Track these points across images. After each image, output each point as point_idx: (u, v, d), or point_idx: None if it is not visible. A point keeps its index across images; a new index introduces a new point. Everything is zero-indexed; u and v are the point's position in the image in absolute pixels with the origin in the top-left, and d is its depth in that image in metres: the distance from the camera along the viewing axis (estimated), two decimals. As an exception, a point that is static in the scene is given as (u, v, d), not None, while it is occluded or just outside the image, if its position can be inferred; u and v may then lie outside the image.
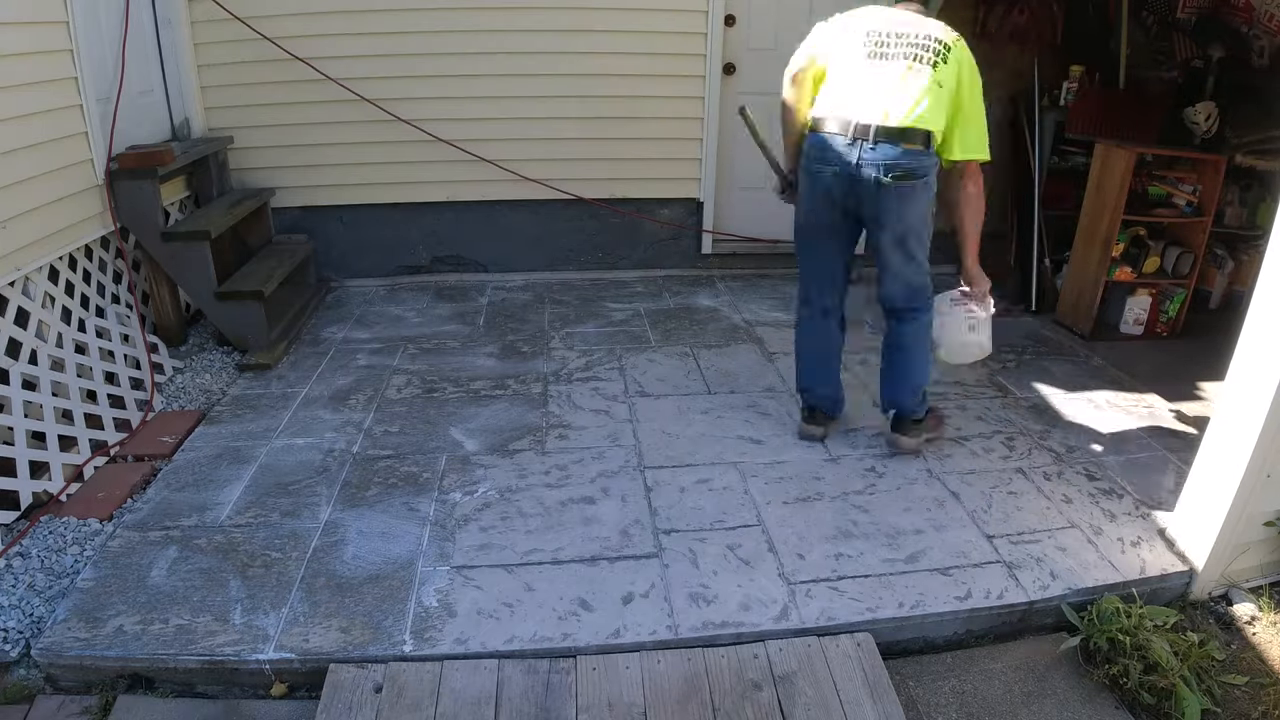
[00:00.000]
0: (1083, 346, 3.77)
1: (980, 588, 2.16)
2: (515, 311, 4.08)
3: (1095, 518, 2.47)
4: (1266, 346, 2.02)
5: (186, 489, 2.54)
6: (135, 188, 3.27)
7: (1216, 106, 3.92)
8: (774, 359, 3.54)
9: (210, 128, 4.11)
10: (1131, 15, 4.24)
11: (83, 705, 1.84)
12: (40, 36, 2.89)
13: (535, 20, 4.11)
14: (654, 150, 4.48)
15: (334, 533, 2.34)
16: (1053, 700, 1.93)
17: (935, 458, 2.78)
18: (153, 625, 1.97)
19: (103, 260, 3.33)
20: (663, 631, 1.99)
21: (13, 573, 2.19)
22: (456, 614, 2.03)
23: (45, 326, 2.88)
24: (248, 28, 3.88)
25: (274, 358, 3.43)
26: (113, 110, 3.32)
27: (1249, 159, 3.87)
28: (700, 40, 4.24)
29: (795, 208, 2.69)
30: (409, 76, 4.13)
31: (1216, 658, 2.03)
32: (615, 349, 3.64)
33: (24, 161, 2.78)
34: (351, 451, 2.77)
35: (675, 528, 2.39)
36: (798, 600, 2.10)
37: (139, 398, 3.08)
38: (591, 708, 1.80)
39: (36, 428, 2.60)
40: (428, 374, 3.36)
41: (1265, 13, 3.81)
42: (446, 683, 1.84)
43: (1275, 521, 2.22)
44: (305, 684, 1.91)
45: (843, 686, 1.86)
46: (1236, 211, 4.05)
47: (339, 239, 4.42)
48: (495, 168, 4.33)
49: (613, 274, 4.63)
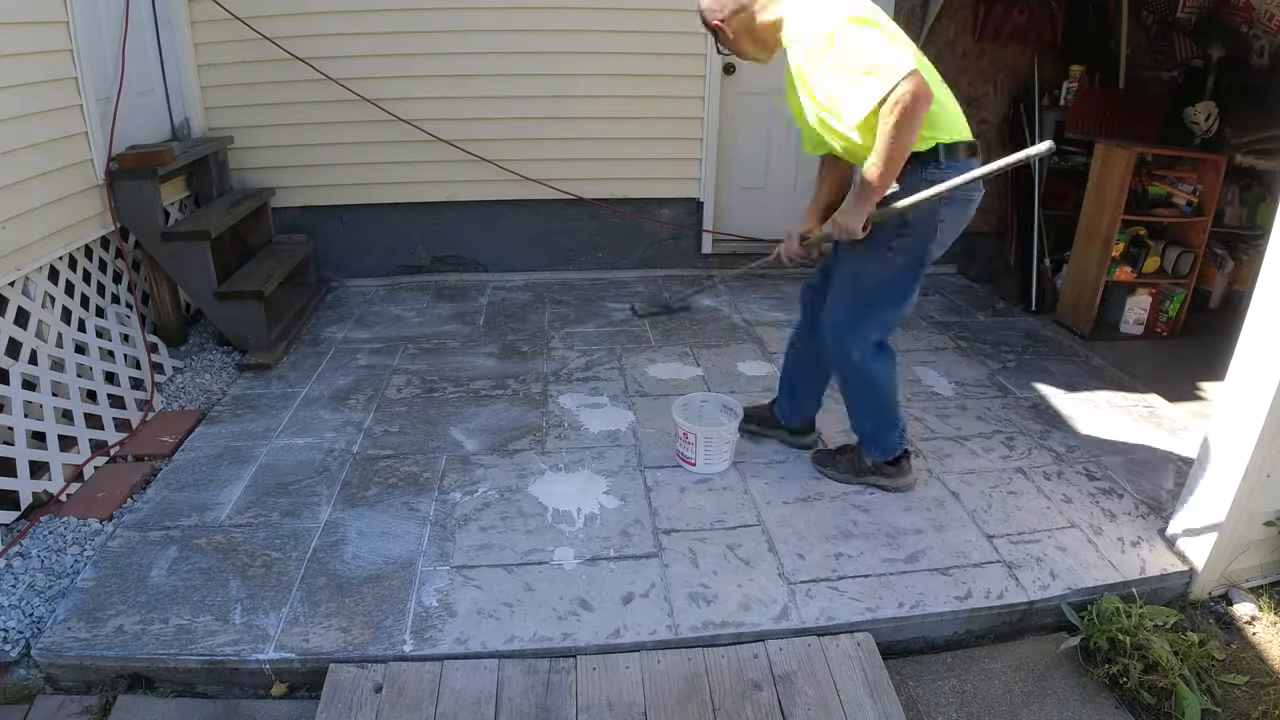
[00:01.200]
0: (1083, 346, 3.77)
1: (980, 587, 2.16)
2: (515, 311, 4.09)
3: (1095, 517, 2.47)
4: (1266, 346, 2.02)
5: (186, 489, 2.54)
6: (135, 188, 3.27)
7: (1216, 106, 3.92)
8: (774, 359, 3.54)
9: (210, 128, 4.11)
10: (1131, 15, 4.24)
11: (83, 705, 1.84)
12: (40, 36, 2.89)
13: (535, 20, 4.11)
14: (654, 150, 4.48)
15: (334, 533, 2.34)
16: (1053, 700, 1.93)
17: (935, 458, 2.77)
18: (153, 625, 1.97)
19: (103, 260, 3.33)
20: (663, 631, 1.99)
21: (13, 573, 2.19)
22: (456, 614, 2.03)
23: (45, 326, 2.88)
24: (248, 28, 3.88)
25: (274, 358, 3.43)
26: (113, 110, 3.33)
27: (1249, 159, 3.87)
28: (700, 40, 4.23)
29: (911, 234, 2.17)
30: (409, 76, 4.14)
31: (1216, 657, 2.03)
32: (615, 349, 3.64)
33: (24, 161, 2.78)
34: (351, 451, 2.77)
35: (675, 527, 2.39)
36: (798, 600, 2.10)
37: (139, 398, 3.09)
38: (591, 708, 1.80)
39: (36, 428, 2.60)
40: (428, 374, 3.36)
41: (1265, 13, 3.81)
42: (446, 682, 1.84)
43: (1275, 521, 2.22)
44: (305, 684, 1.91)
45: (843, 686, 1.86)
46: (1236, 211, 4.05)
47: (339, 239, 4.42)
48: (495, 167, 4.33)
49: (613, 274, 4.64)
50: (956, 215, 2.18)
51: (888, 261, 2.22)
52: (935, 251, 2.22)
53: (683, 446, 2.67)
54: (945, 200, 2.09)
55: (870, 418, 2.51)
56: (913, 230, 2.16)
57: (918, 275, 2.26)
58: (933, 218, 2.14)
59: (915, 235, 2.17)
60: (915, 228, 2.15)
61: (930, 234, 2.17)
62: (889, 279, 2.26)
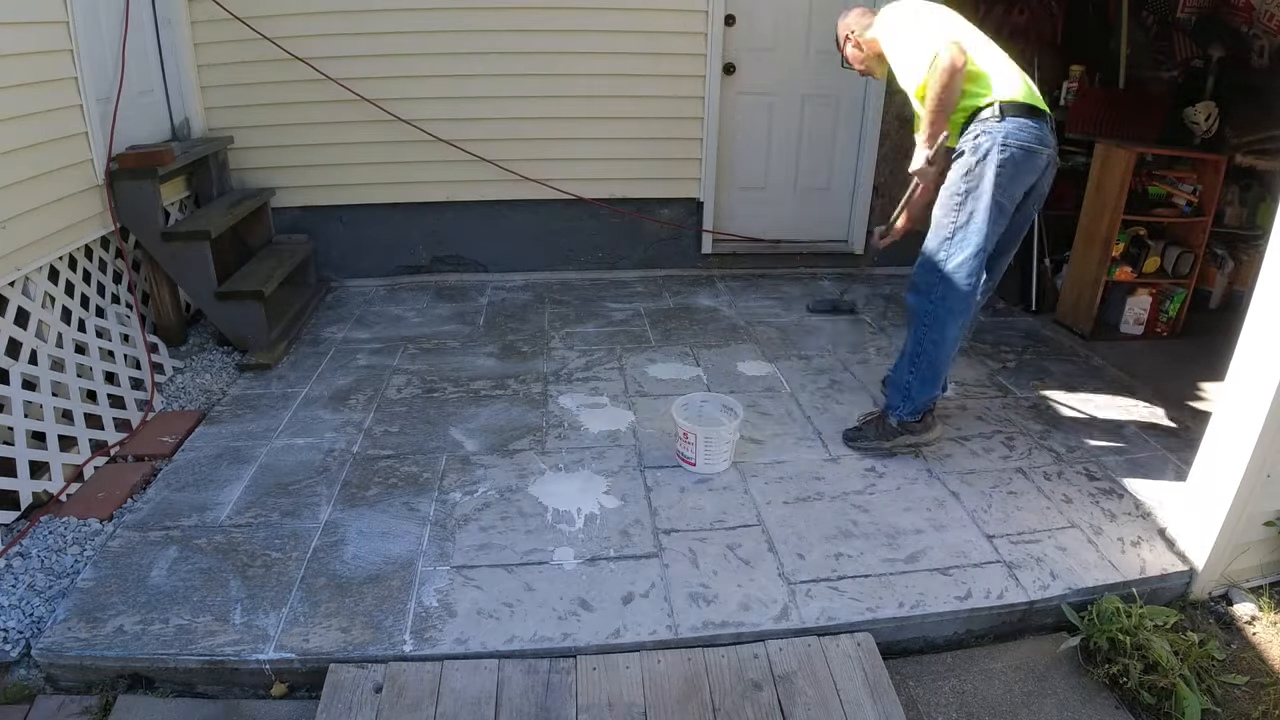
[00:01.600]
0: (1083, 346, 3.77)
1: (980, 587, 2.16)
2: (515, 311, 4.09)
3: (1095, 517, 2.47)
4: (1266, 346, 2.02)
5: (186, 489, 2.54)
6: (135, 188, 3.27)
7: (1216, 106, 3.92)
8: (774, 359, 3.54)
9: (210, 128, 4.11)
10: (1131, 15, 4.24)
11: (83, 705, 1.84)
12: (40, 36, 2.89)
13: (535, 20, 4.11)
14: (654, 150, 4.48)
15: (334, 533, 2.34)
16: (1053, 700, 1.93)
17: (935, 458, 2.78)
18: (153, 625, 1.97)
19: (103, 260, 3.33)
20: (663, 631, 1.99)
21: (13, 573, 2.19)
22: (456, 614, 2.03)
23: (45, 326, 2.88)
24: (248, 28, 3.88)
25: (274, 358, 3.43)
26: (113, 110, 3.32)
27: (1249, 159, 3.88)
28: (700, 40, 4.24)
29: (973, 197, 2.47)
30: (409, 76, 4.14)
31: (1216, 657, 2.03)
32: (615, 349, 3.64)
33: (24, 161, 2.78)
34: (351, 451, 2.77)
35: (675, 527, 2.39)
36: (798, 600, 2.10)
37: (139, 398, 3.09)
38: (591, 708, 1.80)
39: (36, 428, 2.60)
40: (428, 374, 3.36)
41: (1265, 13, 3.81)
42: (446, 683, 1.84)
43: (1275, 521, 2.23)
44: (305, 684, 1.91)
45: (843, 686, 1.86)
46: (1236, 211, 4.05)
47: (339, 239, 4.42)
48: (495, 168, 4.33)
49: (613, 274, 4.64)
50: (1016, 165, 2.43)
51: (957, 209, 2.50)
52: (1003, 202, 2.47)
53: (683, 446, 2.67)
54: (1000, 152, 2.40)
55: (919, 368, 2.64)
56: (972, 181, 2.46)
57: (984, 226, 2.47)
58: (988, 169, 2.44)
59: (975, 186, 2.46)
60: (974, 180, 2.46)
61: (985, 185, 2.44)
62: (961, 223, 2.50)
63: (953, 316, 2.56)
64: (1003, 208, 2.48)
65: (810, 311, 4.12)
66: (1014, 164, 2.42)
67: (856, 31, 2.78)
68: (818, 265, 4.80)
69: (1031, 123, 2.43)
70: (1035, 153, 2.43)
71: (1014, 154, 2.41)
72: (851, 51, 2.83)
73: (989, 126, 2.43)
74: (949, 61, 2.37)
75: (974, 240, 2.48)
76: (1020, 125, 2.41)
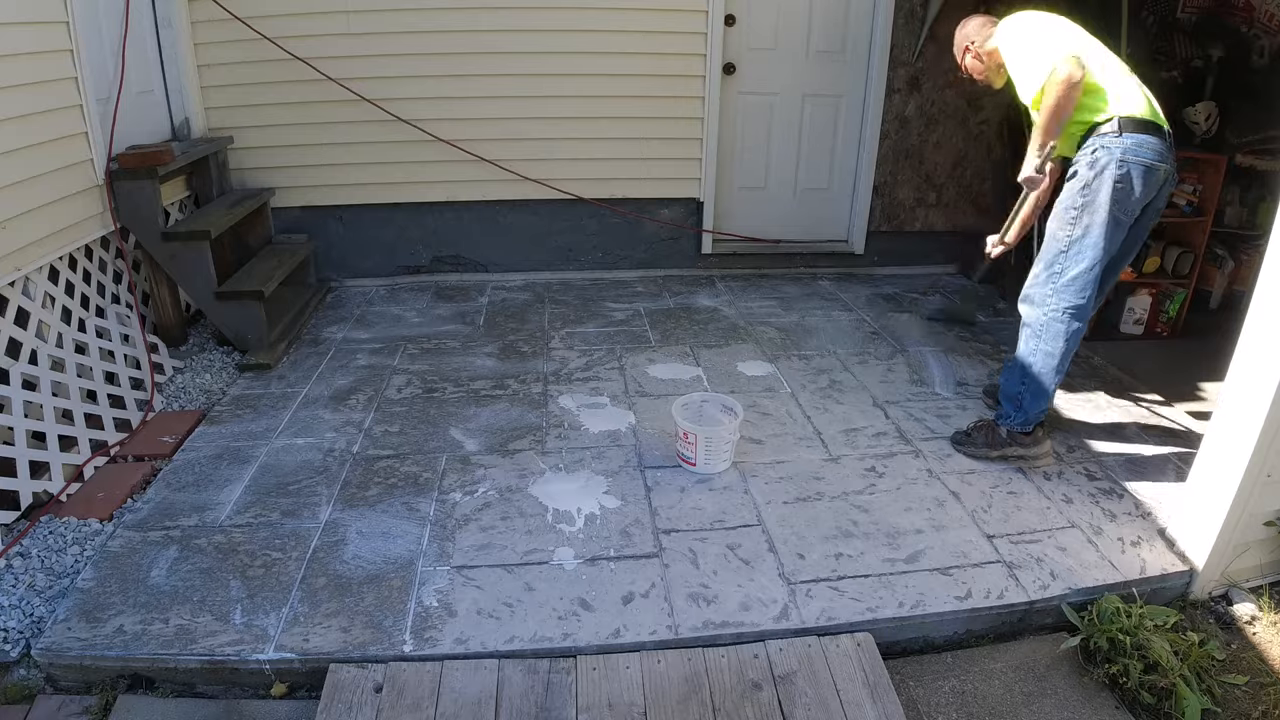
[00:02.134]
0: (1083, 346, 3.74)
1: (980, 588, 2.16)
2: (515, 311, 4.09)
3: (1095, 517, 2.47)
4: (1266, 346, 2.02)
5: (186, 489, 2.54)
6: (135, 188, 3.27)
7: (1216, 106, 3.92)
8: (774, 359, 3.54)
9: (210, 128, 4.11)
10: (1131, 15, 4.23)
11: (83, 705, 1.85)
12: (40, 36, 2.89)
13: (535, 20, 4.11)
14: (654, 150, 4.48)
15: (334, 533, 2.34)
16: (1053, 700, 1.93)
17: (935, 458, 2.78)
18: (153, 625, 1.97)
19: (103, 260, 3.33)
20: (663, 631, 1.99)
21: (13, 573, 2.19)
22: (456, 614, 2.03)
23: (45, 326, 2.88)
24: (248, 28, 3.88)
25: (274, 358, 3.43)
26: (113, 110, 3.33)
27: (1249, 159, 3.87)
28: (700, 40, 4.23)
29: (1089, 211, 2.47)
30: (409, 76, 4.14)
31: (1216, 657, 2.03)
32: (615, 349, 3.64)
33: (24, 161, 2.78)
34: (351, 451, 2.77)
35: (675, 528, 2.39)
36: (798, 600, 2.10)
37: (139, 398, 3.09)
38: (592, 708, 1.80)
39: (36, 428, 2.60)
40: (428, 374, 3.36)
41: (1265, 13, 3.81)
42: (446, 683, 1.84)
43: (1275, 521, 2.22)
44: (305, 684, 1.91)
45: (843, 686, 1.86)
46: (1236, 211, 4.05)
47: (339, 239, 4.42)
48: (495, 167, 4.33)
49: (613, 274, 4.64)
50: (1133, 181, 2.43)
51: (1072, 223, 2.51)
52: (1120, 217, 2.47)
53: (683, 446, 2.67)
54: (1118, 168, 2.40)
55: (1030, 379, 2.65)
56: (1089, 196, 2.46)
57: (1100, 240, 2.47)
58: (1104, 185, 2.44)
59: (1091, 200, 2.46)
60: (1091, 194, 2.46)
61: (1102, 200, 2.44)
62: (1076, 237, 2.50)
63: (1066, 329, 2.56)
64: (1119, 222, 2.47)
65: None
66: (1130, 180, 2.42)
67: (977, 43, 2.79)
68: (818, 265, 4.80)
69: (1151, 139, 2.42)
70: (1153, 169, 2.43)
71: (1131, 170, 2.41)
72: (971, 62, 2.85)
73: (1107, 142, 2.43)
74: (1066, 74, 2.37)
75: (1089, 254, 2.48)
76: (1139, 141, 2.41)
